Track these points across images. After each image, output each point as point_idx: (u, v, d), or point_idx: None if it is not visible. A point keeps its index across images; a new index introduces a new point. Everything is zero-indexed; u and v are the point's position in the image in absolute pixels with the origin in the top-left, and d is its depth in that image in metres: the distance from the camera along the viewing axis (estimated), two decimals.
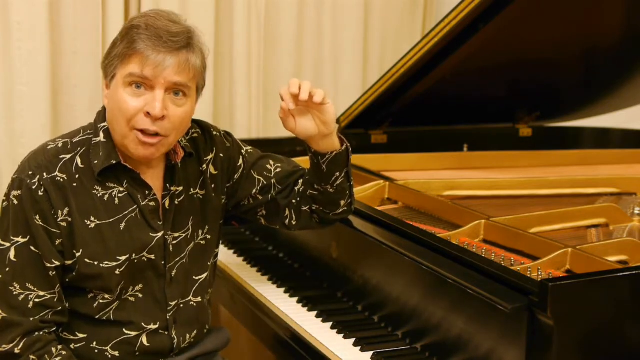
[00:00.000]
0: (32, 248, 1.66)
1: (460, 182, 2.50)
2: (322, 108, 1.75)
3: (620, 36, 2.77)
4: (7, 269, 1.66)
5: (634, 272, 1.60)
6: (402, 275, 1.87)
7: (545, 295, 1.48)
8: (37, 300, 1.67)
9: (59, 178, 1.68)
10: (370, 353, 1.81)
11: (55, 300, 1.69)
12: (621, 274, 1.62)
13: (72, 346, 1.75)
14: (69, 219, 1.67)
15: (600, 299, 1.56)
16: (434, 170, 2.79)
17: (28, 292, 1.66)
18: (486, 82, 2.85)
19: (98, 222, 1.69)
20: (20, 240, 1.66)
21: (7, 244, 1.66)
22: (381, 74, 2.82)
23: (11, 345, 1.65)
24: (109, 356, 1.75)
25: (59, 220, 1.67)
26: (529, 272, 1.75)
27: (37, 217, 1.65)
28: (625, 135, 3.19)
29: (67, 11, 2.77)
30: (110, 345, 1.75)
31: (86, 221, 1.68)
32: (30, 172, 1.67)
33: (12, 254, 1.66)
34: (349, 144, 1.85)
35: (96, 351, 1.75)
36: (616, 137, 3.21)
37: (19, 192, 1.66)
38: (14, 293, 1.66)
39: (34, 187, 1.66)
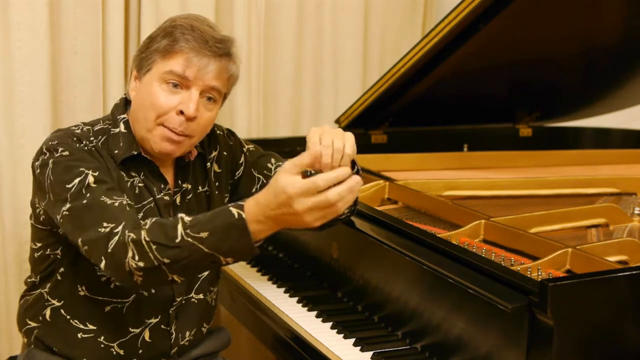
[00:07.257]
0: (99, 172, 1.63)
1: (460, 182, 2.50)
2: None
3: (620, 36, 2.77)
4: (88, 194, 1.59)
5: (634, 272, 1.60)
6: (402, 275, 1.87)
7: (545, 295, 1.48)
8: (125, 202, 1.60)
9: (94, 149, 1.69)
10: (370, 353, 1.81)
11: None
12: (621, 274, 1.61)
13: (79, 335, 1.75)
14: None
15: (600, 299, 1.55)
16: (434, 170, 2.79)
17: (116, 199, 1.59)
18: (486, 82, 2.85)
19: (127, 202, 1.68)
20: (86, 170, 1.62)
21: (78, 179, 1.60)
22: (381, 74, 2.82)
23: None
24: (114, 353, 1.76)
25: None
26: (529, 272, 1.75)
27: (91, 157, 1.65)
28: (625, 135, 3.19)
29: (67, 11, 2.77)
30: (117, 343, 1.76)
31: None
32: (74, 138, 1.67)
33: (90, 179, 1.61)
34: (359, 168, 1.80)
35: (102, 346, 1.76)
36: (616, 137, 3.21)
37: (61, 149, 1.64)
38: (108, 202, 1.58)
39: (78, 145, 1.66)
